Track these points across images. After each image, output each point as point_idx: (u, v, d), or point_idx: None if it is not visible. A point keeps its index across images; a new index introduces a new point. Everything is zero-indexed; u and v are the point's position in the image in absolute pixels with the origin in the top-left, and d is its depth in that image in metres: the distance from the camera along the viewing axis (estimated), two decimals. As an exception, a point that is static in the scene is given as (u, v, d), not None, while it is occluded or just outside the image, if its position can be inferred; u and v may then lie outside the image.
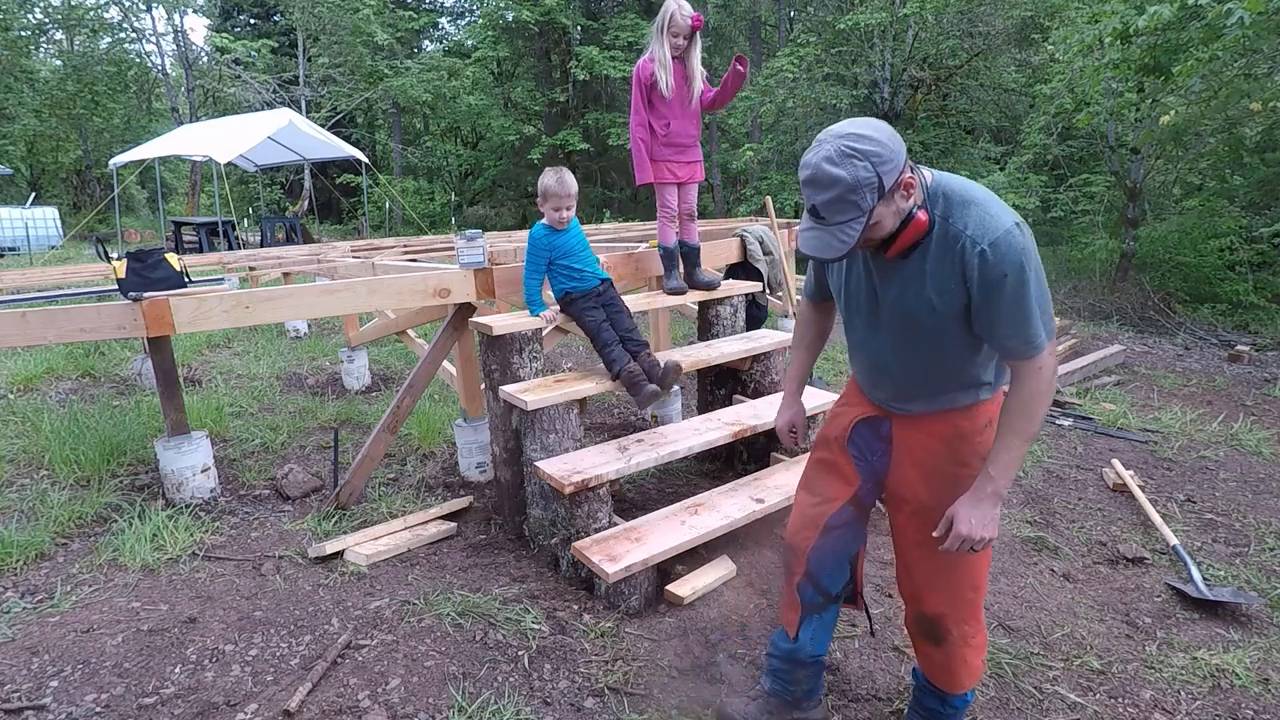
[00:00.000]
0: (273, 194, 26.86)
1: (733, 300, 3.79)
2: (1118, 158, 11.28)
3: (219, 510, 3.35)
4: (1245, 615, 2.64)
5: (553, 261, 3.07)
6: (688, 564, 2.78)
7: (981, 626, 1.85)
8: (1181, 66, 6.47)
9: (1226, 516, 3.42)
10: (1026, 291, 1.47)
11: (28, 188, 22.42)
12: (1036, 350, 1.52)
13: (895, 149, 1.44)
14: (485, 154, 24.88)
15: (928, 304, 1.57)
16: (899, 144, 1.46)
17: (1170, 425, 4.60)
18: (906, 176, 1.47)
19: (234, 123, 14.34)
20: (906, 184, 1.48)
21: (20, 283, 6.02)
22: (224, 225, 13.30)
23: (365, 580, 2.78)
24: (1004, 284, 1.47)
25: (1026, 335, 1.51)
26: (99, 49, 21.82)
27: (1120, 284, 10.97)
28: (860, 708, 2.16)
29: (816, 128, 14.64)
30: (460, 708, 2.08)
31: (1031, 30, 13.85)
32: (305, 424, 4.60)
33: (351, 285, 3.36)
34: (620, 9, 19.98)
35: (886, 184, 1.43)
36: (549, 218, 3.03)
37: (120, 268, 3.22)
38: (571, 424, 2.92)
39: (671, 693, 2.20)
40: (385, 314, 4.99)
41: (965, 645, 1.81)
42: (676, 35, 3.21)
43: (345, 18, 19.37)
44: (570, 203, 2.99)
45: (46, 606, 2.60)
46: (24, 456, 3.97)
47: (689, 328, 6.19)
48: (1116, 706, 2.18)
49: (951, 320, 1.58)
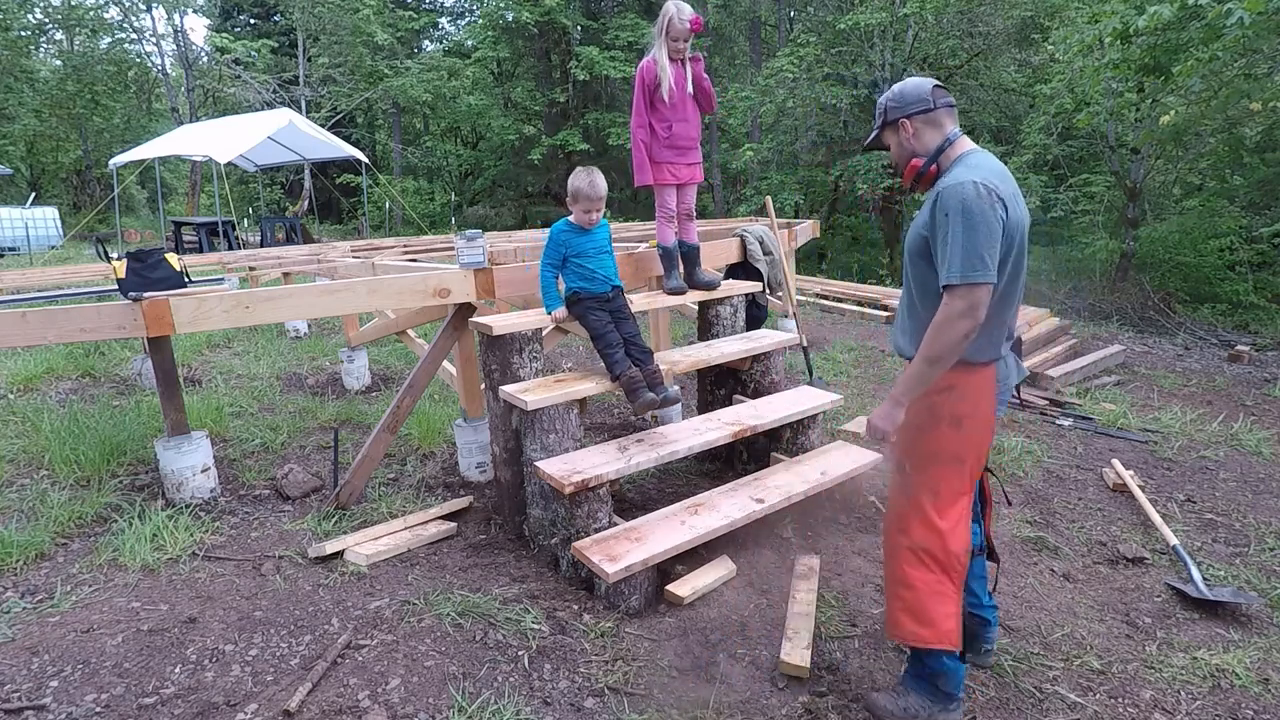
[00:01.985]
0: (273, 194, 26.86)
1: (733, 300, 3.79)
2: (1118, 158, 11.28)
3: (219, 510, 3.35)
4: (1245, 615, 2.64)
5: (567, 259, 3.08)
6: (688, 564, 2.78)
7: (914, 590, 1.99)
8: (1181, 66, 6.47)
9: (1226, 516, 3.42)
10: (955, 231, 1.81)
11: (28, 188, 22.41)
12: (948, 279, 1.82)
13: (907, 101, 2.03)
14: (485, 154, 24.88)
15: (916, 238, 1.99)
16: (915, 99, 2.02)
17: (1170, 425, 4.60)
18: (906, 122, 2.03)
19: (234, 123, 14.34)
20: (903, 125, 2.04)
21: (20, 283, 6.02)
22: (224, 225, 13.30)
23: (365, 580, 2.78)
24: (945, 221, 1.84)
25: (945, 265, 1.84)
26: (99, 49, 21.81)
27: (1120, 284, 10.97)
28: (860, 708, 2.16)
29: (816, 128, 14.65)
30: (460, 708, 2.08)
31: (1031, 30, 13.85)
32: (305, 424, 4.60)
33: (351, 285, 3.36)
34: (620, 9, 19.98)
35: (890, 117, 2.07)
36: (577, 218, 3.04)
37: (120, 268, 3.22)
38: (571, 424, 2.92)
39: (671, 693, 2.20)
40: (385, 314, 4.99)
41: (894, 594, 2.06)
42: (676, 39, 3.22)
43: (345, 18, 19.37)
44: (599, 205, 3.02)
45: (46, 606, 2.60)
46: (24, 456, 3.97)
47: (689, 328, 6.19)
48: (1116, 706, 2.18)
49: (919, 259, 1.99)
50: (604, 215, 3.13)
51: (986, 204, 1.79)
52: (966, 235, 1.79)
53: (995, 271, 1.81)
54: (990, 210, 1.80)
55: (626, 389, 2.96)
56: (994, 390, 1.99)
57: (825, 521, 3.19)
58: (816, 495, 3.13)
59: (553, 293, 3.13)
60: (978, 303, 1.80)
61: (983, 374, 1.97)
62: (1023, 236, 1.90)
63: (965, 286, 1.79)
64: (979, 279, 1.79)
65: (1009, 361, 2.06)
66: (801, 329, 5.08)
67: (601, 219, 3.09)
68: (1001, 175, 1.89)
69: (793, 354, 5.70)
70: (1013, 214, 1.85)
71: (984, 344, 1.93)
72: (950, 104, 2.03)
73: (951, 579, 1.99)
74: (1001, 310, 1.94)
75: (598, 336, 3.04)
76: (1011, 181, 1.92)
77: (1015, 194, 1.89)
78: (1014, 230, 1.86)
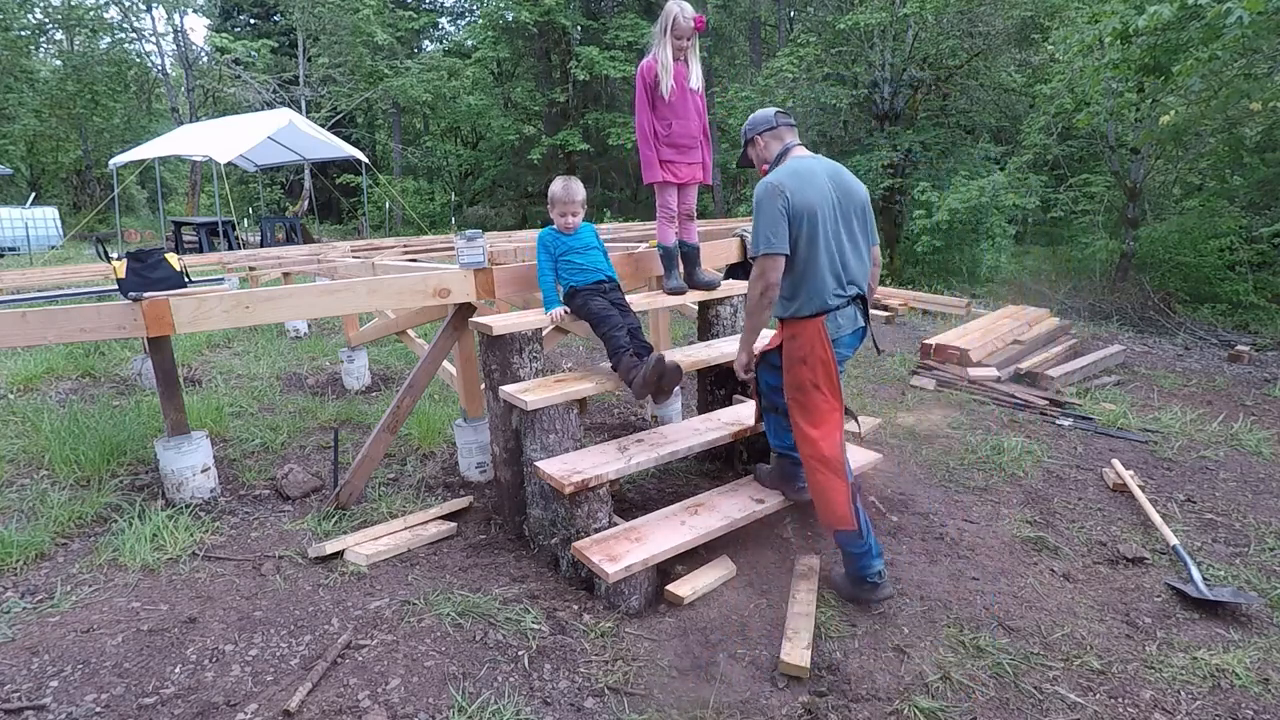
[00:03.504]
0: (273, 194, 26.87)
1: (733, 300, 3.79)
2: (1118, 158, 11.29)
3: (219, 510, 3.35)
4: (1245, 615, 2.64)
5: (559, 259, 3.12)
6: (688, 564, 2.78)
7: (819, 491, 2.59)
8: (1181, 66, 6.48)
9: (1226, 516, 3.42)
10: (755, 218, 2.55)
11: (28, 188, 22.42)
12: (751, 253, 2.56)
13: (758, 123, 2.76)
14: (485, 154, 24.88)
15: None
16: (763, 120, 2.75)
17: (1170, 425, 4.60)
18: (757, 138, 2.77)
19: (234, 123, 14.34)
20: (755, 141, 2.78)
21: (20, 283, 6.02)
22: (224, 225, 13.30)
23: (365, 580, 2.78)
24: (754, 211, 2.56)
25: (750, 243, 2.58)
26: (99, 49, 21.82)
27: (1120, 284, 10.98)
28: (860, 708, 2.16)
29: (816, 128, 14.65)
30: (460, 708, 2.08)
31: (1031, 30, 13.85)
32: (305, 424, 4.60)
33: (351, 285, 3.36)
34: (620, 9, 19.98)
35: (748, 135, 2.81)
36: (556, 223, 3.12)
37: (120, 268, 3.22)
38: (571, 424, 2.92)
39: (671, 693, 2.20)
40: (385, 314, 4.99)
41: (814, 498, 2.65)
42: (680, 37, 3.23)
43: (345, 18, 19.37)
44: (575, 209, 3.09)
45: (46, 606, 2.60)
46: (24, 456, 3.97)
47: (689, 328, 6.19)
48: (1116, 706, 2.18)
49: None
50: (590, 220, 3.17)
51: (768, 197, 2.49)
52: (758, 220, 2.52)
53: (782, 245, 2.48)
54: (770, 201, 2.48)
55: (626, 374, 2.93)
56: (824, 335, 2.55)
57: (825, 521, 3.19)
58: (816, 495, 3.13)
59: (552, 294, 3.15)
60: (768, 269, 2.51)
61: (813, 324, 2.56)
62: (814, 217, 2.48)
63: (760, 257, 2.52)
64: (765, 250, 2.49)
65: (843, 314, 2.61)
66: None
67: (582, 223, 3.17)
68: (795, 173, 2.53)
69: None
70: (796, 200, 2.46)
71: (805, 302, 2.55)
72: (790, 123, 2.75)
73: (836, 473, 2.55)
74: (811, 275, 2.53)
75: (600, 320, 3.02)
76: (810, 176, 2.53)
77: (806, 185, 2.49)
78: (799, 212, 2.47)
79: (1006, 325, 6.40)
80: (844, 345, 2.65)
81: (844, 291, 2.59)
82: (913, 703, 2.15)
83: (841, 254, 2.58)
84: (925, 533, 3.17)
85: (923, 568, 2.90)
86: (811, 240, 2.49)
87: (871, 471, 3.27)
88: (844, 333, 2.63)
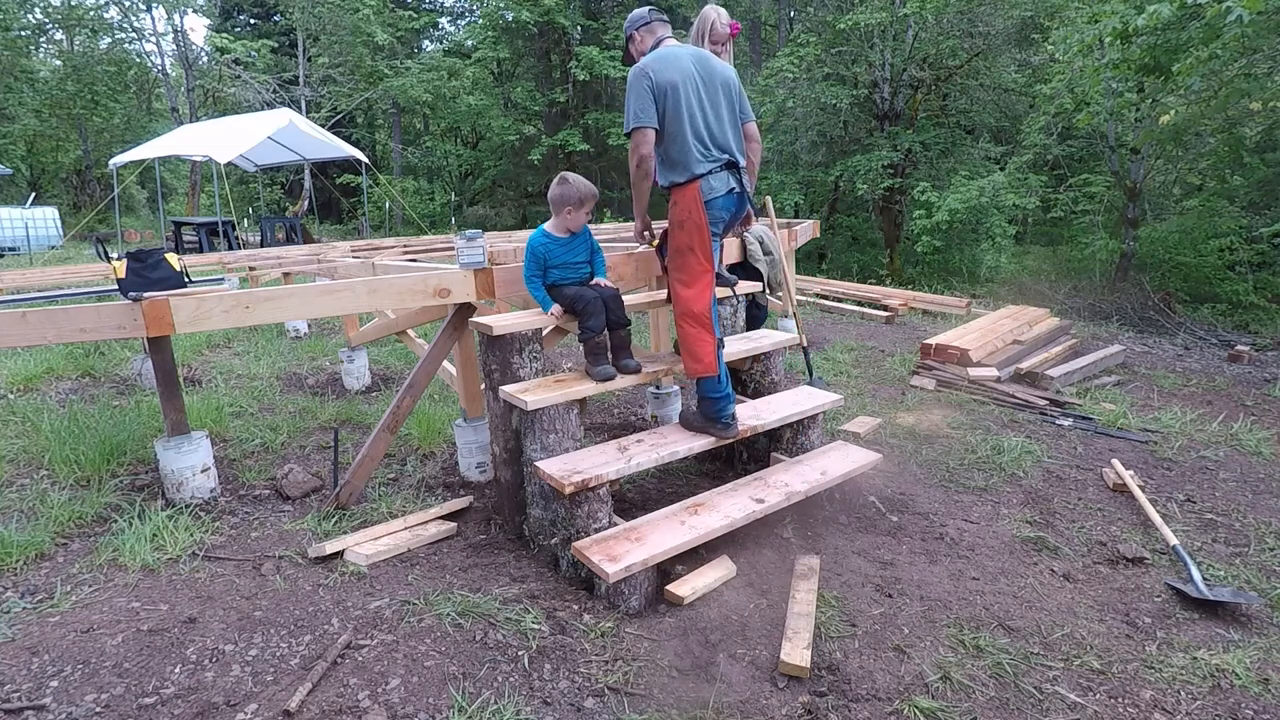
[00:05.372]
0: (273, 194, 26.86)
1: (733, 300, 3.79)
2: (1118, 158, 11.29)
3: (219, 510, 3.35)
4: (1245, 615, 2.64)
5: (548, 269, 3.10)
6: (688, 564, 2.78)
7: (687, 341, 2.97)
8: (1181, 66, 6.47)
9: (1226, 516, 3.42)
10: (626, 97, 2.90)
11: (28, 188, 22.42)
12: (625, 129, 2.93)
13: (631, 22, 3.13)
14: (485, 154, 24.87)
15: None
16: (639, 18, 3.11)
17: (1170, 425, 4.60)
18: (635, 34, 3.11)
19: (234, 123, 14.34)
20: (633, 37, 3.12)
21: (20, 283, 6.02)
22: (224, 225, 13.29)
23: (365, 580, 2.78)
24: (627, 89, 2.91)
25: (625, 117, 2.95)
26: (99, 49, 21.80)
27: (1120, 284, 10.99)
28: (860, 708, 2.16)
29: (816, 127, 14.66)
30: (460, 708, 2.08)
31: (1031, 30, 13.85)
32: (305, 424, 4.60)
33: (351, 285, 3.36)
34: (620, 9, 19.97)
35: (627, 32, 3.17)
36: (568, 224, 3.06)
37: (120, 268, 3.22)
38: (571, 424, 2.92)
39: (671, 693, 2.20)
40: (385, 314, 4.99)
41: (681, 348, 3.04)
42: (716, 42, 3.29)
43: (345, 18, 19.36)
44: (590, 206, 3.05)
45: (46, 606, 2.60)
46: (24, 456, 3.97)
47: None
48: (1116, 706, 2.18)
49: None
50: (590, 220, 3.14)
51: (636, 78, 2.86)
52: (628, 100, 2.88)
53: (649, 119, 2.83)
54: (638, 82, 2.85)
55: (589, 351, 2.98)
56: (699, 199, 2.89)
57: (825, 521, 3.19)
58: (816, 495, 3.13)
59: (542, 297, 3.14)
60: (639, 141, 2.86)
61: (689, 189, 2.91)
62: (675, 92, 2.82)
63: (633, 131, 2.88)
64: (635, 125, 2.86)
65: (715, 178, 2.94)
66: (801, 329, 5.08)
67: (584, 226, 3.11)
68: (659, 57, 2.88)
69: (793, 354, 5.71)
70: (659, 79, 2.82)
71: (681, 169, 2.91)
72: (663, 19, 3.09)
73: (705, 328, 2.95)
74: (678, 143, 2.87)
75: (577, 298, 3.01)
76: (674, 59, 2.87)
77: (668, 67, 2.84)
78: (662, 88, 2.82)
79: (1006, 325, 6.40)
80: (719, 207, 2.99)
81: (712, 155, 2.93)
82: (913, 703, 2.16)
83: (706, 123, 2.91)
84: (925, 533, 3.17)
85: (923, 568, 2.90)
86: (675, 113, 2.85)
87: (871, 471, 3.27)
88: (717, 194, 2.96)
